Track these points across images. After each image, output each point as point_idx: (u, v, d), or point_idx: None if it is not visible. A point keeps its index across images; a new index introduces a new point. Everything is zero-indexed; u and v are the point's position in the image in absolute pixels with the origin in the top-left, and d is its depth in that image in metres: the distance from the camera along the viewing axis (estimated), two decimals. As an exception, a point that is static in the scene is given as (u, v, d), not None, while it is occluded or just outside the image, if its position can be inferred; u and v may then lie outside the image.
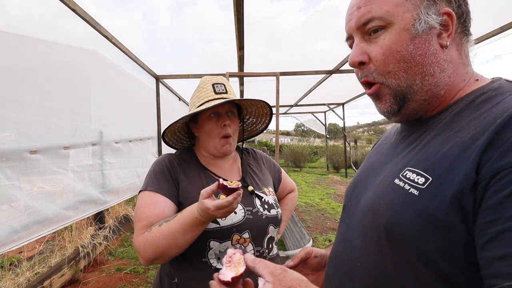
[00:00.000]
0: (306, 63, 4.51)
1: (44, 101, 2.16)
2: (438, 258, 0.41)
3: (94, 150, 2.84)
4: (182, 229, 0.80)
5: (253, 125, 1.20)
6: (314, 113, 11.13)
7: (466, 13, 0.52)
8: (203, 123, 1.00)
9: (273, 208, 1.00)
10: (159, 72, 4.42)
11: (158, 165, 0.99)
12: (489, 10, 2.63)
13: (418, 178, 0.45)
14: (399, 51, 0.49)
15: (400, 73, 0.50)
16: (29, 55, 2.02)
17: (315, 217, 5.17)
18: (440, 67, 0.49)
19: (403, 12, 0.49)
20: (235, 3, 2.31)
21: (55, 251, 2.97)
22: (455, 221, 0.39)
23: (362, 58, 0.53)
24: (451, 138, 0.45)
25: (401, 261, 0.45)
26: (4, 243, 1.68)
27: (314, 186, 8.34)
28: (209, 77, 1.05)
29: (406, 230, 0.44)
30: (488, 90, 0.48)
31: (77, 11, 2.11)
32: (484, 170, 0.38)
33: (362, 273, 0.51)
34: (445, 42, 0.49)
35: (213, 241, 0.88)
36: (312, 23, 3.64)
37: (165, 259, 0.84)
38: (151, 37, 3.77)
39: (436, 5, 0.49)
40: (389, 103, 0.53)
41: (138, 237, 0.86)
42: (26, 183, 1.93)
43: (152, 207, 0.89)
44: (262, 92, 6.12)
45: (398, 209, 0.46)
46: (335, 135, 29.40)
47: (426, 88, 0.50)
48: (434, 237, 0.41)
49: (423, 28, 0.48)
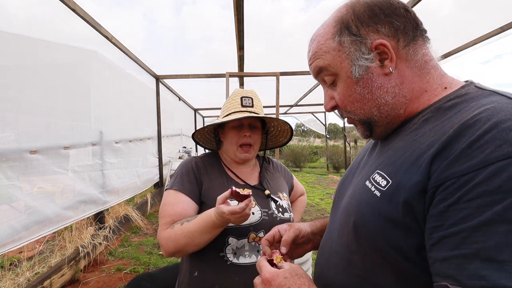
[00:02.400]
0: (306, 63, 4.49)
1: (44, 101, 2.16)
2: (395, 254, 0.45)
3: (94, 150, 2.84)
4: (200, 231, 0.90)
5: (276, 137, 1.31)
6: (314, 113, 11.14)
7: (403, 24, 0.53)
8: (228, 131, 1.12)
9: (286, 212, 1.09)
10: (159, 72, 4.42)
11: (184, 167, 1.09)
12: (489, 10, 2.63)
13: (382, 180, 0.49)
14: (350, 95, 0.56)
15: (358, 111, 0.57)
16: (29, 55, 2.02)
17: (315, 217, 5.17)
18: (390, 95, 0.54)
19: (340, 63, 0.55)
20: (235, 3, 2.31)
21: (55, 251, 2.97)
22: (410, 222, 0.44)
23: (331, 104, 0.61)
24: (413, 144, 0.48)
25: (364, 255, 0.51)
26: (4, 243, 1.68)
27: (314, 186, 8.34)
28: (240, 90, 1.16)
29: (368, 228, 0.49)
30: (454, 97, 0.50)
31: (77, 11, 2.11)
32: (433, 179, 0.41)
33: (336, 263, 0.57)
34: (388, 69, 0.53)
35: (232, 237, 0.98)
36: (313, 22, 3.65)
37: (184, 253, 0.97)
38: (151, 37, 3.77)
39: (365, 43, 0.53)
40: (362, 130, 0.60)
41: (162, 232, 0.97)
42: (26, 183, 1.93)
43: (175, 206, 0.99)
44: (262, 92, 6.11)
45: (363, 208, 0.51)
46: (335, 135, 29.41)
47: (385, 115, 0.55)
48: (392, 235, 0.45)
49: (360, 71, 0.54)
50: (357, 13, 0.54)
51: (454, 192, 0.38)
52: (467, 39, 3.30)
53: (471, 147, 0.39)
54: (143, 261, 3.29)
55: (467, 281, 0.36)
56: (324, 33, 0.58)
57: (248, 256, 0.98)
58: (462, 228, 0.37)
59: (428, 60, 0.54)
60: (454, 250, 0.38)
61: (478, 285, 0.35)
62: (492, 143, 0.37)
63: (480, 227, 0.36)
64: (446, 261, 0.38)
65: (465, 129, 0.41)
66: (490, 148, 0.37)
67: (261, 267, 0.60)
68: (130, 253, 3.52)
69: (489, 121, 0.39)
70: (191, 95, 6.77)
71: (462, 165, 0.39)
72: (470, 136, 0.40)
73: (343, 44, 0.55)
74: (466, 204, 0.37)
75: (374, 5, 0.54)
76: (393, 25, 0.53)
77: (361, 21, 0.54)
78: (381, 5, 0.54)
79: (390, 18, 0.53)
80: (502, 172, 0.35)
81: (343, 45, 0.55)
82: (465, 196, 0.37)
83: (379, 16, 0.53)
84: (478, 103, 0.45)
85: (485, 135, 0.38)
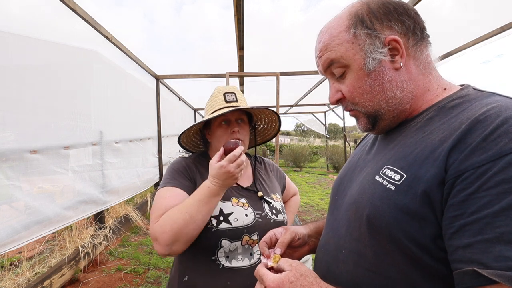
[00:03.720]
0: (306, 63, 4.51)
1: (44, 101, 2.16)
2: (411, 245, 0.47)
3: (94, 150, 2.84)
4: (197, 202, 0.86)
5: (264, 131, 1.27)
6: (314, 113, 11.13)
7: (413, 24, 0.56)
8: (215, 129, 1.08)
9: (280, 214, 1.07)
10: (159, 72, 4.42)
11: (175, 165, 1.05)
12: (489, 10, 2.63)
13: (394, 175, 0.51)
14: (360, 86, 0.58)
15: (366, 103, 0.59)
16: (29, 55, 2.02)
17: (315, 217, 5.17)
18: (399, 89, 0.57)
19: (353, 55, 0.57)
20: (235, 3, 2.31)
21: (55, 251, 2.97)
22: (426, 212, 0.45)
23: (337, 97, 0.63)
24: (423, 140, 0.51)
25: (379, 248, 0.52)
26: (4, 243, 1.68)
27: (314, 186, 8.34)
28: (222, 87, 1.12)
29: (383, 220, 0.50)
30: (457, 98, 0.54)
31: (77, 11, 2.11)
32: (451, 171, 0.43)
33: (345, 258, 0.58)
34: (398, 64, 0.56)
35: (225, 240, 0.94)
36: (313, 22, 3.65)
37: (182, 242, 0.85)
38: (151, 37, 3.78)
39: (379, 37, 0.56)
40: (365, 123, 0.62)
41: (155, 223, 0.88)
42: (26, 183, 1.93)
43: (170, 198, 0.93)
44: (262, 92, 6.13)
45: (377, 202, 0.52)
46: (335, 135, 29.39)
47: (392, 109, 0.58)
48: (408, 226, 0.47)
49: (374, 64, 0.56)
50: (372, 9, 0.57)
51: (474, 182, 0.41)
52: (467, 39, 3.30)
53: (485, 140, 0.41)
54: (143, 261, 3.29)
55: (493, 263, 0.37)
56: (337, 25, 0.59)
57: (241, 259, 0.95)
58: (484, 214, 0.39)
59: (431, 62, 0.58)
60: (477, 235, 0.39)
61: (504, 266, 0.36)
62: (505, 136, 0.40)
63: (501, 212, 0.38)
64: (470, 246, 0.40)
65: (477, 124, 0.44)
66: (504, 140, 0.40)
67: (261, 276, 0.58)
68: (130, 253, 3.52)
69: (499, 117, 0.42)
70: (191, 95, 6.78)
71: (479, 156, 0.41)
72: (483, 130, 0.42)
73: (358, 37, 0.57)
74: (486, 192, 0.39)
75: (389, 3, 0.57)
76: (404, 24, 0.56)
77: (376, 17, 0.56)
78: (395, 4, 0.57)
79: (402, 17, 0.56)
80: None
81: (358, 37, 0.57)
82: (484, 185, 0.40)
83: (392, 14, 0.56)
84: (481, 103, 0.48)
85: (498, 129, 0.41)
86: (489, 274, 0.37)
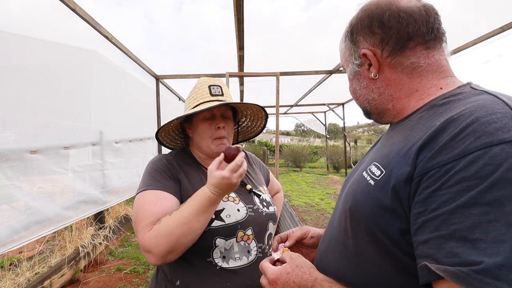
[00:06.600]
0: (306, 63, 4.51)
1: (44, 101, 2.16)
2: (383, 238, 0.49)
3: (94, 150, 2.84)
4: (196, 211, 0.79)
5: (248, 128, 1.22)
6: (314, 113, 11.12)
7: (390, 35, 0.58)
8: (198, 124, 1.00)
9: (270, 206, 1.05)
10: (159, 72, 4.41)
11: (156, 164, 0.96)
12: (489, 10, 2.63)
13: (376, 171, 0.54)
14: (350, 87, 0.70)
15: (356, 100, 0.70)
16: (29, 55, 2.02)
17: (315, 217, 5.17)
18: (376, 93, 0.63)
19: (345, 63, 0.69)
20: (235, 3, 2.31)
21: (55, 251, 2.97)
22: (396, 207, 0.48)
23: None
24: (407, 137, 0.52)
25: (358, 240, 0.55)
26: (4, 243, 1.68)
27: (314, 186, 8.34)
28: (206, 78, 1.05)
29: (362, 213, 0.53)
30: (449, 96, 0.53)
31: (77, 11, 2.11)
32: (419, 168, 0.45)
33: (334, 249, 0.62)
34: (371, 74, 0.62)
35: (219, 238, 0.89)
36: (313, 22, 3.65)
37: (178, 252, 0.80)
38: (151, 37, 3.78)
39: (357, 50, 0.62)
40: (364, 113, 0.72)
41: (146, 234, 0.79)
42: (26, 183, 1.93)
43: (158, 204, 0.84)
44: (262, 92, 6.13)
45: (359, 195, 0.56)
46: (335, 135, 29.40)
47: (374, 108, 0.65)
48: (382, 220, 0.50)
49: (352, 73, 0.66)
50: (359, 20, 0.62)
51: (438, 180, 0.42)
52: (468, 39, 3.30)
53: (454, 139, 0.42)
54: (143, 261, 3.29)
55: (443, 259, 0.39)
56: (343, 33, 0.68)
57: (239, 258, 0.90)
58: (442, 211, 0.41)
59: (421, 65, 0.58)
60: (434, 232, 0.41)
61: (452, 262, 0.38)
62: (472, 135, 0.41)
63: (457, 210, 0.39)
64: (427, 242, 0.42)
65: (450, 123, 0.45)
66: (470, 139, 0.41)
67: (264, 269, 0.64)
68: (130, 253, 3.52)
69: (471, 116, 0.43)
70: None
71: (445, 155, 0.42)
72: (454, 129, 0.43)
73: (346, 48, 0.66)
74: (446, 190, 0.41)
75: (371, 15, 0.60)
76: (377, 36, 0.59)
77: (357, 30, 0.62)
78: (376, 15, 0.59)
79: (376, 30, 0.59)
80: (479, 160, 0.39)
81: (346, 48, 0.66)
82: (446, 183, 0.41)
83: (369, 27, 0.60)
84: (467, 101, 0.48)
85: (467, 128, 0.42)
86: (436, 269, 0.39)
